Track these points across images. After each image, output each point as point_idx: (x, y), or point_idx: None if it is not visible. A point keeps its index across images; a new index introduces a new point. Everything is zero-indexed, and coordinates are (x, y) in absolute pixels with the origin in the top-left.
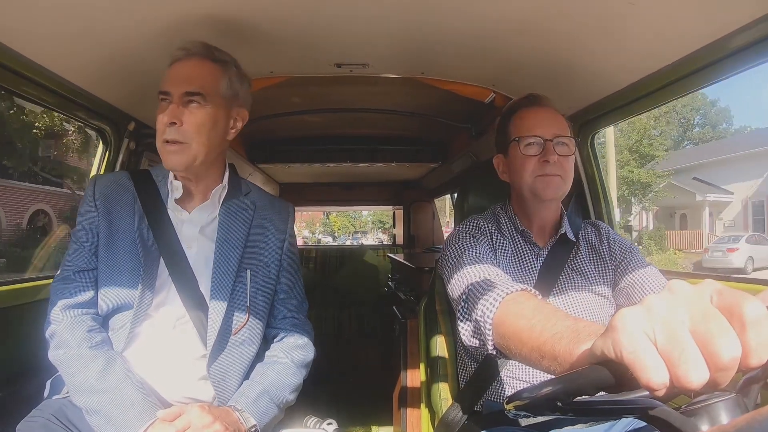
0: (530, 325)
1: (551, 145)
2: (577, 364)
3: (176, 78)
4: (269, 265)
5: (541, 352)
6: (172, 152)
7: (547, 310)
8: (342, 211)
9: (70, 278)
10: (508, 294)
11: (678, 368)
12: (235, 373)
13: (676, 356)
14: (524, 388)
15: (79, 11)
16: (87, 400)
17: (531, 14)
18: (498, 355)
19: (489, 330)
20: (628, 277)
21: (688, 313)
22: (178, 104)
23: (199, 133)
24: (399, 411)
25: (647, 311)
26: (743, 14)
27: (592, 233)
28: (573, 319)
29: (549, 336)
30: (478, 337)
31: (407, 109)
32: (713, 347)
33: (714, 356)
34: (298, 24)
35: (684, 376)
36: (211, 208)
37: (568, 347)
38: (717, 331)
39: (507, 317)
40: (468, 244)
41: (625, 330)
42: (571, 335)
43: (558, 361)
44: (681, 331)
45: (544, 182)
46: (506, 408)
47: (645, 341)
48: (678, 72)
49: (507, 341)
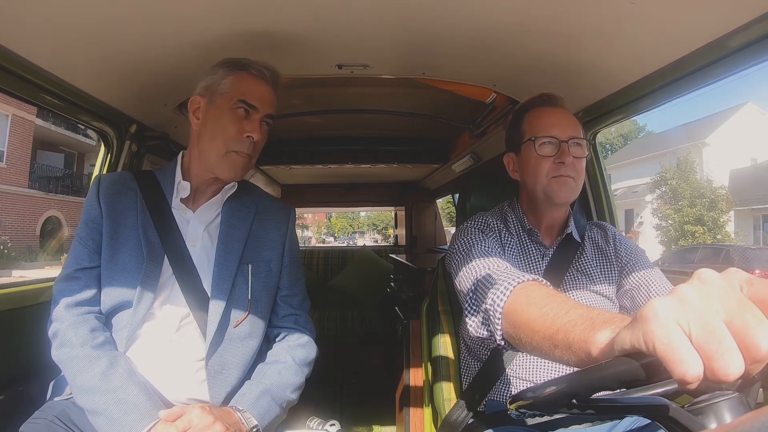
0: (542, 314)
1: (566, 147)
2: (595, 353)
3: (265, 99)
4: (271, 261)
5: (554, 341)
6: (242, 164)
7: (560, 299)
8: (342, 213)
9: (73, 276)
10: (519, 283)
11: (715, 361)
12: (234, 366)
13: (713, 349)
14: (527, 388)
15: (80, 14)
16: (90, 401)
17: (531, 14)
18: (506, 347)
19: (498, 319)
20: (632, 279)
21: (721, 303)
22: (258, 121)
23: (258, 150)
24: (402, 412)
25: (680, 302)
26: (745, 12)
27: (598, 234)
28: (586, 308)
29: (562, 324)
30: (486, 328)
31: (408, 109)
32: (751, 339)
33: (751, 348)
34: (298, 26)
35: (721, 369)
36: (216, 207)
37: (582, 336)
38: (753, 322)
39: (518, 305)
40: (477, 238)
41: (659, 321)
42: (586, 323)
43: (572, 350)
44: (717, 323)
45: (559, 184)
46: (509, 408)
47: (679, 333)
48: (679, 71)
49: (517, 330)
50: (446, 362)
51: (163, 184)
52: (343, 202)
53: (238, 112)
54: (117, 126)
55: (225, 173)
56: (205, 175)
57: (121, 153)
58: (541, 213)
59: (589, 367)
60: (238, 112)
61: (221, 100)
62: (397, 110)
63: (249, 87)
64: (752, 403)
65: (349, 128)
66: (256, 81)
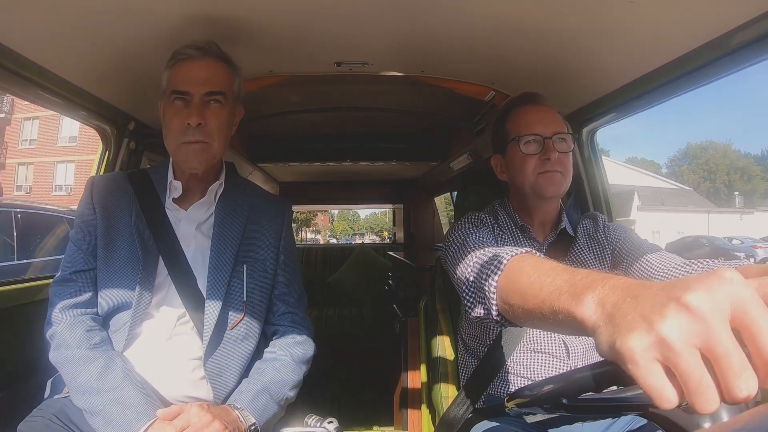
0: (530, 282)
1: (551, 143)
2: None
3: (195, 78)
4: (266, 260)
5: (542, 311)
6: (195, 152)
7: (548, 266)
8: (343, 217)
9: (69, 279)
10: (512, 256)
11: (694, 397)
12: (232, 368)
13: (693, 387)
14: (525, 386)
15: (79, 12)
16: (87, 401)
17: (531, 12)
18: (503, 322)
19: (494, 293)
20: (626, 252)
21: (707, 342)
22: (199, 104)
23: (219, 132)
24: (400, 409)
25: (659, 344)
26: (742, 13)
27: (590, 224)
28: (571, 273)
29: (549, 292)
30: (483, 306)
31: (407, 107)
32: (731, 384)
33: (731, 391)
34: (297, 22)
35: (699, 405)
36: (208, 205)
37: (566, 305)
38: (737, 368)
39: (510, 278)
40: (470, 230)
41: (635, 363)
42: (569, 290)
43: (559, 319)
44: (696, 365)
45: (546, 179)
46: (507, 406)
47: (658, 372)
48: (678, 69)
49: (510, 303)
50: (444, 360)
51: (157, 183)
52: (341, 200)
53: (177, 104)
54: (115, 123)
55: (187, 165)
56: (184, 172)
57: (119, 150)
58: (531, 209)
59: (585, 366)
60: (177, 104)
61: (164, 99)
62: (395, 108)
63: (177, 74)
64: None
65: (347, 125)
66: (184, 65)
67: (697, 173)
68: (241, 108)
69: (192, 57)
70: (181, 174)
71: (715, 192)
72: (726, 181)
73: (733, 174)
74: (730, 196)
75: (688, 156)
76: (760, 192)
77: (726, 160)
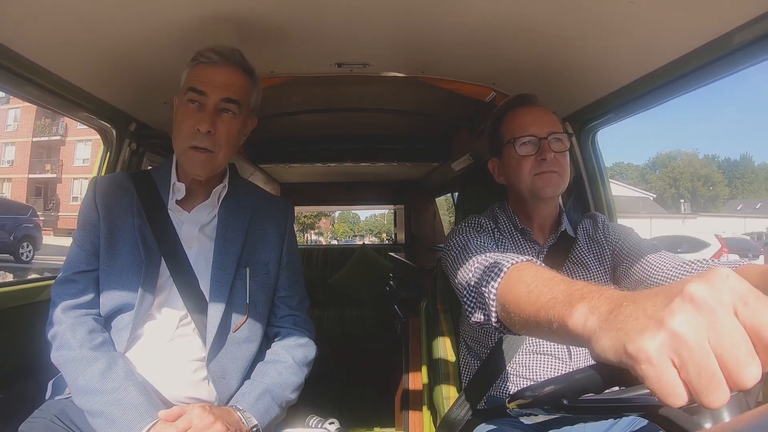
0: (528, 291)
1: (546, 143)
2: (572, 333)
3: (215, 82)
4: (269, 263)
5: (538, 319)
6: (200, 160)
7: (546, 275)
8: (343, 219)
9: (71, 279)
10: (513, 264)
11: (704, 396)
12: (235, 371)
13: (703, 385)
14: (526, 387)
15: (80, 13)
16: (89, 402)
17: (531, 13)
18: (502, 329)
19: (493, 300)
20: (626, 253)
21: (714, 334)
22: (213, 111)
23: (228, 143)
24: (401, 410)
25: (672, 338)
26: (742, 13)
27: (590, 225)
28: (568, 283)
29: (545, 301)
30: (483, 312)
31: (408, 108)
32: (739, 375)
33: (739, 383)
34: (298, 24)
35: (709, 402)
36: (211, 207)
37: (560, 313)
38: (744, 360)
39: (509, 285)
40: (472, 235)
41: (651, 363)
42: (565, 300)
43: (553, 328)
44: (708, 360)
45: (543, 180)
46: (508, 407)
47: (670, 370)
48: (680, 69)
49: (508, 311)
50: (445, 360)
51: (159, 185)
52: (342, 201)
53: (191, 106)
54: (116, 124)
55: (192, 170)
56: (188, 174)
57: (121, 151)
58: (530, 211)
59: (586, 366)
60: (191, 107)
61: (180, 97)
62: (396, 109)
63: (197, 74)
64: (752, 402)
65: (348, 126)
66: (206, 68)
67: (664, 180)
68: (254, 118)
69: (214, 62)
70: (184, 176)
71: (678, 198)
72: (690, 187)
73: (696, 181)
74: (694, 202)
75: (658, 164)
76: (723, 198)
77: (690, 168)
